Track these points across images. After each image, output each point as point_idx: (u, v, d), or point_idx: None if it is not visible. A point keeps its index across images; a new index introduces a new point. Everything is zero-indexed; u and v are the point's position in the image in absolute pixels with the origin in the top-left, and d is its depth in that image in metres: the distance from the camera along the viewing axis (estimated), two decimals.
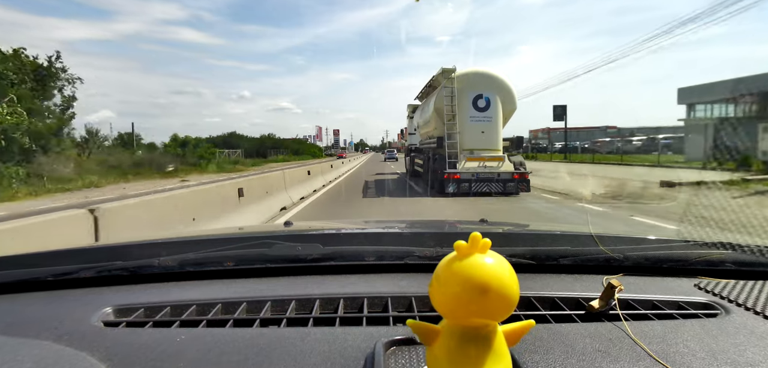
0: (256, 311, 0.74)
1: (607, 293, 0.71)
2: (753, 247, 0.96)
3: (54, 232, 2.60)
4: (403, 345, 0.57)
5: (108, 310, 0.73)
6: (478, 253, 0.40)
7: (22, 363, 0.52)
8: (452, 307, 0.40)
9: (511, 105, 10.28)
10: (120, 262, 0.93)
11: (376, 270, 0.93)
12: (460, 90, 9.88)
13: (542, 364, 0.54)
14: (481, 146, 9.83)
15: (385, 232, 1.33)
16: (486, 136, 9.93)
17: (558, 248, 1.04)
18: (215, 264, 0.94)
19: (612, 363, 0.54)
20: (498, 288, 0.38)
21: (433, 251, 0.96)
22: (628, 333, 0.62)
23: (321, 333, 0.63)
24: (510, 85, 10.21)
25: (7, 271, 0.89)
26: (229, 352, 0.58)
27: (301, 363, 0.55)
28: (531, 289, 0.80)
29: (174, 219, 3.88)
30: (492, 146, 9.92)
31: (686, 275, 0.90)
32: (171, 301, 0.76)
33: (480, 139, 9.87)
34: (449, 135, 9.82)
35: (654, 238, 1.11)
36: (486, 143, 9.89)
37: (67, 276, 0.88)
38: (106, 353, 0.57)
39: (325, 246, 1.04)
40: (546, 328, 0.64)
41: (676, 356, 0.56)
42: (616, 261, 0.92)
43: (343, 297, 0.77)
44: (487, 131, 9.95)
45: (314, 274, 0.92)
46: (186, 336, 0.63)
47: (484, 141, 9.89)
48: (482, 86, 10.00)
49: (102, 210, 2.97)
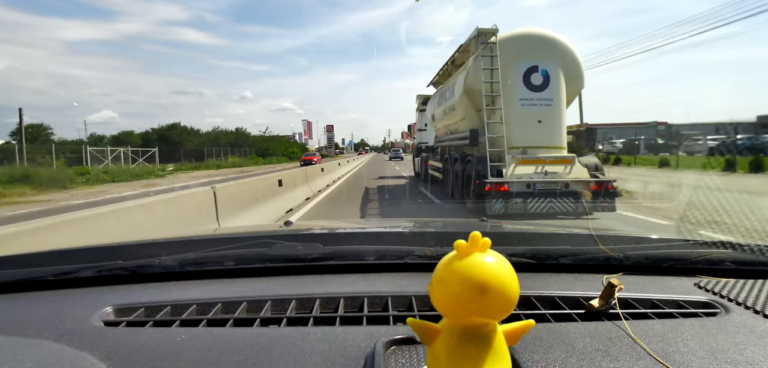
0: (257, 310, 0.74)
1: (607, 292, 0.71)
2: (753, 246, 0.96)
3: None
4: (403, 344, 0.57)
5: (108, 310, 0.73)
6: (478, 252, 0.40)
7: (23, 362, 0.53)
8: (452, 306, 0.40)
9: (577, 81, 7.06)
10: (120, 262, 0.93)
11: (376, 269, 0.93)
12: (504, 61, 6.73)
13: (542, 363, 0.54)
14: (537, 142, 6.65)
15: (385, 232, 1.34)
16: (544, 127, 6.73)
17: (558, 247, 1.04)
18: (215, 263, 0.94)
19: (612, 362, 0.54)
20: (498, 288, 0.38)
21: (433, 250, 0.95)
22: (628, 332, 0.62)
23: (321, 332, 0.63)
24: (575, 52, 6.99)
25: (7, 271, 0.90)
26: (229, 352, 0.58)
27: (301, 362, 0.55)
28: (531, 288, 0.80)
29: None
30: (554, 142, 6.72)
31: (686, 274, 0.90)
32: (171, 301, 0.76)
33: (536, 131, 6.68)
34: (490, 126, 6.65)
35: (654, 237, 1.11)
36: (544, 138, 6.70)
37: (68, 275, 0.88)
38: (106, 352, 0.57)
39: (325, 245, 1.03)
40: (546, 327, 0.64)
41: (676, 355, 0.56)
42: (616, 261, 0.92)
43: (344, 296, 0.77)
44: (547, 120, 6.74)
45: (314, 274, 0.92)
46: (186, 335, 0.63)
47: (542, 134, 6.70)
48: (537, 54, 6.77)
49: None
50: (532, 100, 6.67)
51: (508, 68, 6.69)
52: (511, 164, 6.29)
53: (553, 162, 6.35)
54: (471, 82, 7.26)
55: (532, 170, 6.33)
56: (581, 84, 7.07)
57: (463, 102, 7.69)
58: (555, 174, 6.31)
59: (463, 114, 7.97)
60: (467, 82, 7.35)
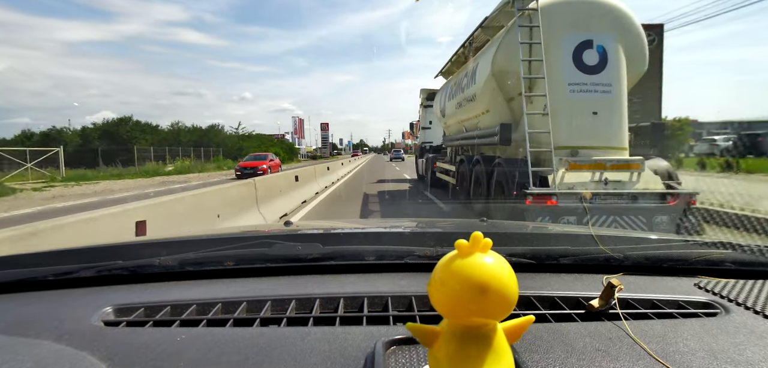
0: (257, 310, 0.73)
1: (607, 292, 0.70)
2: (753, 247, 0.96)
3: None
4: (403, 344, 0.57)
5: (108, 310, 0.73)
6: (478, 253, 0.39)
7: (23, 362, 0.52)
8: (452, 307, 0.39)
9: (639, 62, 5.47)
10: (120, 262, 0.92)
11: (376, 269, 0.93)
12: (548, 34, 5.12)
13: (542, 363, 0.54)
14: (591, 141, 5.05)
15: (385, 232, 1.33)
16: (601, 120, 5.11)
17: (558, 247, 1.03)
18: (215, 263, 0.93)
19: (612, 362, 0.54)
20: (497, 288, 0.38)
21: (433, 250, 0.95)
22: (628, 332, 0.62)
23: (321, 332, 0.63)
24: (638, 26, 5.43)
25: (7, 271, 0.90)
26: (229, 352, 0.57)
27: (301, 362, 0.55)
28: (531, 289, 0.79)
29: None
30: (613, 141, 5.12)
31: (686, 274, 0.89)
32: (171, 301, 0.76)
33: (590, 126, 5.07)
34: (530, 120, 5.05)
35: (654, 238, 1.12)
36: (601, 135, 5.10)
37: (68, 275, 0.88)
38: (106, 352, 0.57)
39: (325, 245, 1.03)
40: (546, 327, 0.63)
41: (676, 355, 0.56)
42: (616, 261, 0.92)
43: (343, 296, 0.77)
44: (604, 112, 5.13)
45: (314, 274, 0.91)
46: (186, 335, 0.62)
47: (598, 130, 5.10)
48: (592, 25, 5.15)
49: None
50: (585, 85, 5.06)
51: (553, 43, 5.09)
52: (559, 169, 4.70)
53: (615, 167, 4.75)
54: (502, 62, 5.65)
55: (588, 178, 4.74)
56: (643, 65, 5.47)
57: (488, 89, 6.07)
58: (618, 183, 4.72)
59: (487, 105, 6.37)
60: (496, 63, 5.73)
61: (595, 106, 5.03)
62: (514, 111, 5.86)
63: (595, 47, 5.08)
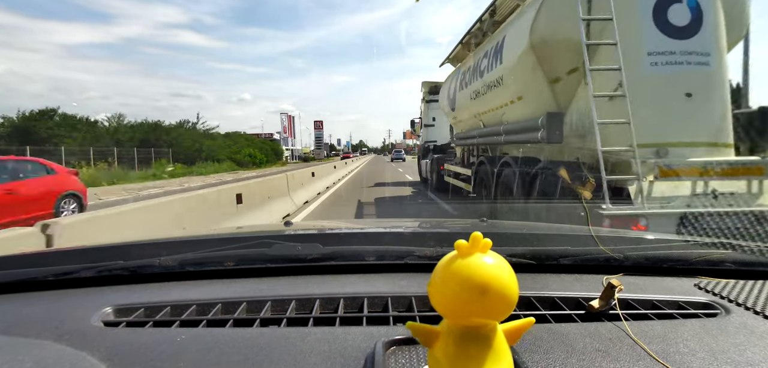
0: (256, 311, 0.73)
1: (607, 293, 0.70)
2: (753, 247, 0.96)
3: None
4: (403, 344, 0.57)
5: (108, 310, 0.73)
6: (478, 253, 0.39)
7: (23, 363, 0.52)
8: (452, 307, 0.39)
9: (739, 23, 3.97)
10: (120, 262, 0.92)
11: (376, 269, 0.93)
12: None
13: (542, 364, 0.53)
14: (684, 135, 3.51)
15: (385, 232, 1.32)
16: (697, 105, 3.60)
17: (558, 248, 1.03)
18: (215, 264, 0.93)
19: (612, 362, 0.54)
20: (497, 288, 0.37)
21: (433, 251, 0.95)
22: (628, 332, 0.61)
23: (321, 332, 0.63)
24: None
25: (7, 271, 0.90)
26: (229, 352, 0.57)
27: (301, 362, 0.54)
28: (531, 289, 0.79)
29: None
30: (715, 136, 3.60)
31: (686, 275, 0.89)
32: (171, 301, 0.76)
33: (683, 114, 3.55)
34: (598, 105, 3.50)
35: (654, 238, 1.10)
36: (699, 126, 3.56)
37: (68, 275, 0.88)
38: (106, 353, 0.57)
39: (325, 245, 1.03)
40: (546, 328, 0.63)
41: (676, 355, 0.55)
42: (616, 261, 0.91)
43: (343, 296, 0.77)
44: (701, 92, 3.61)
45: (314, 274, 0.91)
46: (186, 336, 0.62)
47: (694, 119, 3.57)
48: None
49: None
50: (674, 54, 3.50)
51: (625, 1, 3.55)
52: (645, 178, 3.15)
53: (726, 172, 3.21)
54: (546, 28, 4.07)
55: (688, 191, 3.19)
56: (743, 27, 3.95)
57: (524, 67, 4.48)
58: (732, 197, 3.18)
59: (520, 89, 4.79)
60: (537, 29, 4.14)
61: (689, 84, 3.48)
62: (559, 96, 4.28)
63: (685, 1, 3.54)
